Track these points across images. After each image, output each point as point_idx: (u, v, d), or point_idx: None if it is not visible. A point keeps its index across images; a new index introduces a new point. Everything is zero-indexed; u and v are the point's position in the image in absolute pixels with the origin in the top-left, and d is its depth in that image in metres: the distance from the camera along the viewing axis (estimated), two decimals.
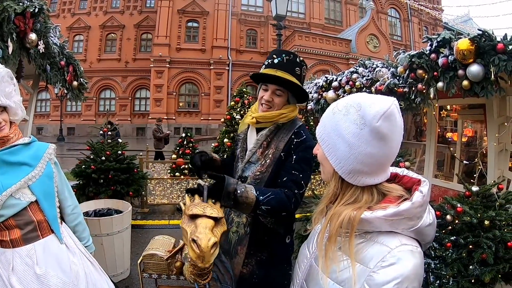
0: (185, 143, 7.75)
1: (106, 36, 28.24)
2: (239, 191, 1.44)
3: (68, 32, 26.84)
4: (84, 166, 4.91)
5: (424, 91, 3.28)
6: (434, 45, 3.08)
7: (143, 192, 6.09)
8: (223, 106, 25.02)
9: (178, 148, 7.77)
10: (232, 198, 1.42)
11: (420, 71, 3.23)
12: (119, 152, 5.20)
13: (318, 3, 28.58)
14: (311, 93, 5.99)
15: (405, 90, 3.51)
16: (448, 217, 2.57)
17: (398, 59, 3.65)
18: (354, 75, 4.67)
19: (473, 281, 2.35)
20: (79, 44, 27.92)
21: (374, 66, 4.27)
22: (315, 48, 23.73)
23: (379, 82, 3.97)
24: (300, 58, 1.80)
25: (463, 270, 2.39)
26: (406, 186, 0.97)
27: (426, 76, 3.19)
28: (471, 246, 2.42)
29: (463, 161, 4.59)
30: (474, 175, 3.17)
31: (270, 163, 1.73)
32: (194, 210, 1.19)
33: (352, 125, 0.90)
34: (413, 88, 3.41)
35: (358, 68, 4.75)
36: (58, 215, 1.93)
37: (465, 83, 2.79)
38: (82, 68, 4.11)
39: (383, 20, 28.98)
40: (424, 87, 3.25)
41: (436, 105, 4.18)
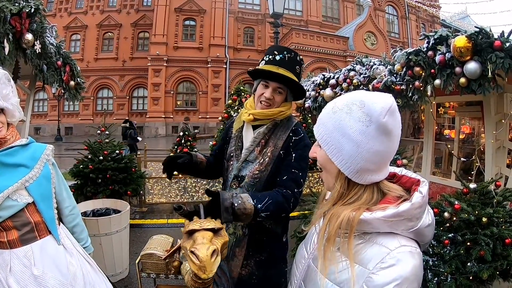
0: (183, 141, 7.74)
1: (103, 35, 28.12)
2: (236, 204, 1.41)
3: (65, 32, 26.74)
4: (82, 166, 4.90)
5: (421, 89, 3.29)
6: (431, 42, 3.08)
7: (141, 191, 6.07)
8: (221, 104, 24.98)
9: (176, 147, 7.76)
10: (231, 212, 1.40)
11: (417, 69, 3.23)
12: (117, 152, 5.19)
13: (316, 0, 28.55)
14: (308, 90, 5.98)
15: (402, 87, 3.51)
16: (446, 214, 2.58)
17: (395, 57, 3.64)
18: (352, 73, 4.67)
19: (471, 278, 2.36)
20: (76, 43, 27.81)
21: (372, 64, 4.27)
22: (312, 46, 23.77)
23: (377, 79, 3.97)
24: (300, 57, 1.78)
25: (461, 267, 2.40)
26: (405, 186, 0.96)
27: (423, 74, 3.19)
28: (469, 243, 2.43)
29: (461, 158, 4.60)
30: (472, 172, 3.18)
31: (269, 161, 1.70)
32: (191, 226, 1.16)
33: (357, 123, 0.88)
34: (410, 86, 3.41)
35: (355, 65, 4.75)
36: (56, 216, 1.92)
37: (462, 80, 2.79)
38: (79, 68, 4.09)
39: (380, 17, 29.00)
40: (421, 84, 3.26)
41: (433, 102, 4.18)
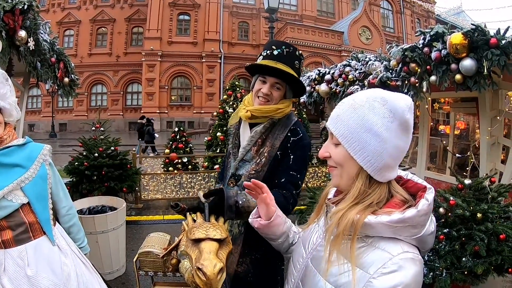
0: (178, 137, 7.70)
1: (96, 31, 27.82)
2: (240, 202, 1.41)
3: (58, 27, 26.43)
4: (77, 163, 4.86)
5: (417, 85, 3.29)
6: (427, 39, 3.09)
7: (136, 188, 6.06)
8: (215, 99, 24.95)
9: (171, 143, 7.72)
10: (234, 210, 1.39)
11: (413, 65, 3.24)
12: (112, 148, 5.16)
13: None
14: None
15: (398, 83, 3.52)
16: (441, 210, 2.60)
17: (391, 53, 3.65)
18: (347, 68, 4.68)
19: (466, 273, 2.39)
20: (69, 39, 27.53)
21: (367, 59, 4.28)
22: (307, 41, 23.73)
23: (372, 75, 3.97)
24: (299, 52, 1.72)
25: (456, 262, 2.43)
26: (410, 191, 0.95)
27: (419, 70, 3.20)
28: (464, 239, 2.46)
29: (456, 154, 4.63)
30: (467, 168, 3.20)
31: (265, 162, 1.66)
32: (196, 234, 1.15)
33: (381, 119, 0.88)
34: (406, 82, 3.42)
35: (351, 61, 4.76)
36: (51, 217, 1.91)
37: (457, 77, 2.80)
38: (73, 64, 4.07)
39: (375, 12, 28.91)
40: (417, 80, 3.27)
41: (428, 98, 4.20)
